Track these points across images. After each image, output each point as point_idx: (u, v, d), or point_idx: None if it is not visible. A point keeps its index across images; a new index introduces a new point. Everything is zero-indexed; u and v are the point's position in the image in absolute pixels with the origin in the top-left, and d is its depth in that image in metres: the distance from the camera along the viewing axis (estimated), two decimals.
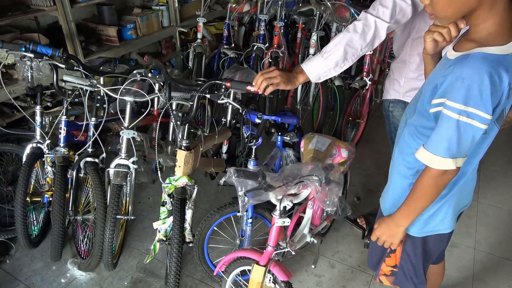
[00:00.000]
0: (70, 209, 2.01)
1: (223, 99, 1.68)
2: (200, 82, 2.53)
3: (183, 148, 1.64)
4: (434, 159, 1.03)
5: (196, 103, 1.64)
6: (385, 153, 2.29)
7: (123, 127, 1.85)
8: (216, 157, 2.39)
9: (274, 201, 1.47)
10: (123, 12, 3.22)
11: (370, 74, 2.85)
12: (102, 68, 2.17)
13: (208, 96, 1.64)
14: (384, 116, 1.95)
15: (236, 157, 2.45)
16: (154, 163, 2.53)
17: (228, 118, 2.27)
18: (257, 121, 1.90)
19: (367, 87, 2.89)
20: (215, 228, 1.99)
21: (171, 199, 1.73)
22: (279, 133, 2.08)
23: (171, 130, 2.41)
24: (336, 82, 3.00)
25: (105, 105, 1.96)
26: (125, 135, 1.84)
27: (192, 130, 1.72)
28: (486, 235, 2.39)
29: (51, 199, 2.09)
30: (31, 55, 1.85)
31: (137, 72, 1.99)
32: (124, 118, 1.85)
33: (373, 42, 1.53)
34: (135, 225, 2.45)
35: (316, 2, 2.98)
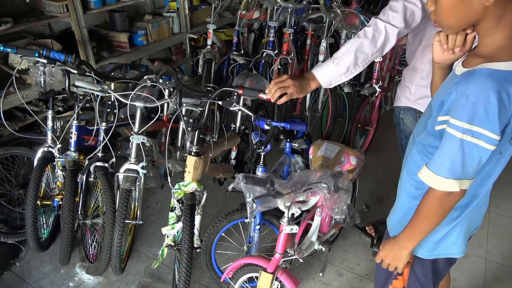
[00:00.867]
0: (80, 213, 2.03)
1: (235, 106, 1.68)
2: (210, 88, 2.55)
3: (193, 154, 1.65)
4: (436, 180, 0.98)
5: (208, 110, 1.65)
6: (395, 161, 2.27)
7: (133, 132, 1.87)
8: (225, 163, 2.40)
9: (283, 208, 1.47)
10: (135, 19, 3.27)
11: (380, 81, 2.84)
12: (113, 74, 2.20)
13: (220, 103, 1.65)
14: (395, 124, 1.94)
15: (245, 163, 2.45)
16: (163, 168, 2.55)
17: (238, 124, 2.28)
18: (266, 128, 1.90)
19: (377, 94, 2.88)
20: (223, 234, 1.98)
21: (180, 205, 1.73)
22: (288, 140, 2.08)
23: (180, 136, 2.42)
24: (346, 89, 2.99)
25: (116, 110, 1.98)
26: (135, 140, 1.86)
27: (201, 136, 1.73)
28: (498, 245, 2.35)
29: (61, 203, 2.11)
30: (44, 61, 1.88)
31: (148, 78, 2.02)
32: (134, 123, 1.87)
33: (384, 48, 1.54)
34: (143, 230, 2.46)
35: (326, 9, 2.99)
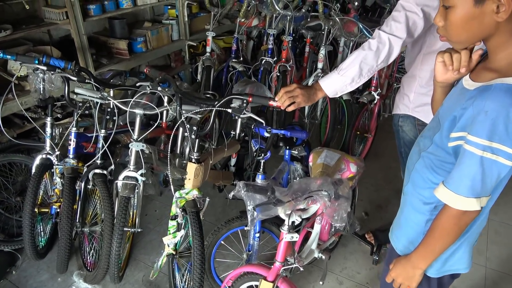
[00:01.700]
0: (78, 221, 2.01)
1: (245, 114, 1.69)
2: (209, 95, 2.55)
3: (194, 161, 1.64)
4: (457, 199, 0.96)
5: (214, 117, 1.66)
6: (394, 168, 2.27)
7: (132, 139, 1.86)
8: (225, 170, 2.39)
9: (283, 216, 1.46)
10: (134, 26, 3.28)
11: (378, 89, 2.85)
12: (113, 81, 2.20)
13: (230, 111, 1.67)
14: (394, 131, 1.95)
15: (245, 170, 2.45)
16: (162, 176, 2.54)
17: (238, 131, 2.28)
18: (266, 135, 1.90)
19: (375, 102, 2.89)
20: (222, 242, 1.97)
21: (183, 213, 1.72)
22: (287, 147, 2.08)
23: (179, 143, 2.42)
24: (344, 96, 3.00)
25: (115, 117, 1.97)
26: (134, 147, 1.85)
27: (201, 143, 1.73)
28: (497, 253, 2.34)
29: (59, 210, 2.09)
30: (44, 68, 1.88)
31: (140, 85, 2.01)
32: (134, 130, 1.87)
33: (389, 58, 1.56)
34: (142, 238, 2.44)
35: (325, 17, 3.01)
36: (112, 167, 2.03)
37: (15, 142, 2.17)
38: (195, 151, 1.65)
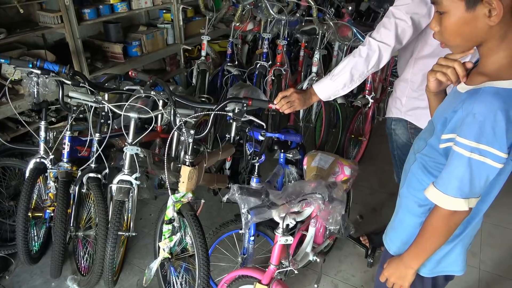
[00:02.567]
0: (72, 225, 2.00)
1: (245, 117, 1.73)
2: (204, 99, 2.55)
3: (188, 164, 1.65)
4: (445, 199, 0.98)
5: (212, 121, 1.68)
6: (388, 171, 2.28)
7: (127, 143, 1.86)
8: (220, 173, 2.39)
9: (277, 219, 1.46)
10: (129, 30, 3.28)
11: (373, 92, 2.87)
12: (107, 85, 2.20)
13: (230, 115, 1.71)
14: (387, 134, 1.96)
15: (239, 174, 2.45)
16: (157, 179, 2.53)
17: (232, 135, 2.28)
18: (261, 138, 1.91)
19: (369, 105, 2.91)
20: (217, 246, 1.97)
21: (179, 216, 1.73)
22: (282, 150, 2.08)
23: (174, 146, 2.41)
24: (339, 100, 3.02)
25: (109, 121, 1.97)
26: (129, 151, 1.85)
27: (195, 147, 1.73)
28: (491, 255, 2.36)
29: (53, 215, 2.08)
30: (38, 72, 1.88)
31: (128, 89, 2.01)
32: (128, 134, 1.86)
33: (379, 64, 1.61)
34: (136, 242, 2.43)
35: (319, 22, 3.03)
36: (107, 171, 2.02)
37: (9, 146, 2.16)
38: (189, 154, 1.65)
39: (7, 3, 2.33)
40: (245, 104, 1.69)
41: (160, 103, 2.05)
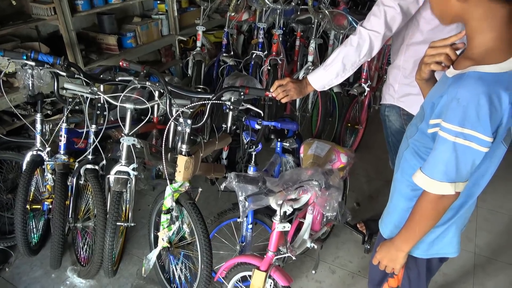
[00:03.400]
0: (70, 216, 2.00)
1: (243, 106, 1.75)
2: (201, 90, 2.55)
3: (184, 154, 1.65)
4: (431, 183, 0.99)
5: (209, 110, 1.69)
6: (385, 159, 2.30)
7: (124, 134, 1.86)
8: (217, 163, 2.40)
9: (275, 206, 1.48)
10: (123, 21, 3.25)
11: (368, 81, 2.87)
12: (103, 76, 2.19)
13: (228, 104, 1.72)
14: (382, 121, 1.97)
15: (237, 163, 2.46)
16: (154, 170, 2.54)
17: (229, 124, 2.28)
18: (257, 127, 1.91)
19: (366, 94, 2.92)
20: (216, 234, 1.99)
21: (177, 206, 1.74)
22: (279, 139, 2.09)
23: (171, 137, 2.42)
24: (335, 89, 3.02)
25: (106, 113, 1.97)
26: (126, 142, 1.85)
27: (192, 137, 1.74)
28: (486, 240, 2.39)
29: (51, 207, 2.09)
30: (33, 63, 1.86)
31: (122, 80, 2.01)
32: (125, 125, 1.86)
33: (371, 53, 1.62)
34: (135, 232, 2.44)
35: (314, 11, 3.02)
36: (104, 162, 2.03)
37: (5, 139, 2.16)
38: (186, 144, 1.66)
39: None
40: (242, 93, 1.70)
41: (156, 94, 2.04)
